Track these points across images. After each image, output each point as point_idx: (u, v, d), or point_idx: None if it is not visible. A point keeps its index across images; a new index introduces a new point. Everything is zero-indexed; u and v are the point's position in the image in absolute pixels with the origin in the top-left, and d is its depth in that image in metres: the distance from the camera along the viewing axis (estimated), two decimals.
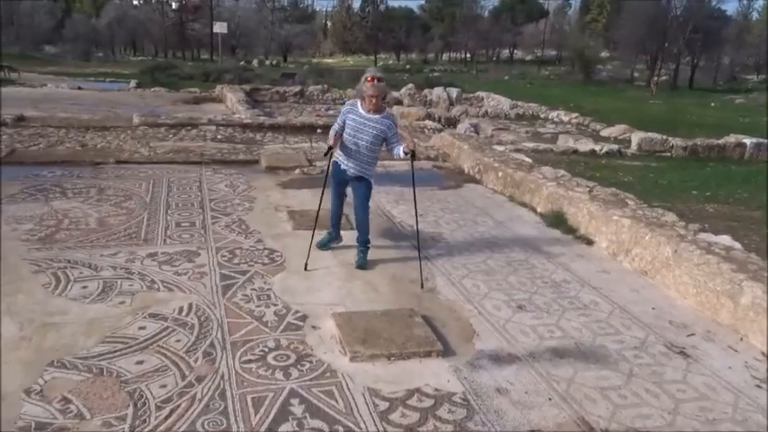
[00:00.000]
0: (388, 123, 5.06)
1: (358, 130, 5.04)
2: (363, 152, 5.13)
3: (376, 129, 5.03)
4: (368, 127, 5.03)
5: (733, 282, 4.53)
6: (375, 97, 4.94)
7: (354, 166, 5.19)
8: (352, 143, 5.10)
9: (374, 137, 5.05)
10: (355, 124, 5.05)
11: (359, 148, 5.11)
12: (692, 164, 11.30)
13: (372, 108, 5.00)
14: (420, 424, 3.25)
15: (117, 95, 18.52)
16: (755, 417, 3.49)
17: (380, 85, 4.95)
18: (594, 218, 6.22)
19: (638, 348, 4.19)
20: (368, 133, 5.04)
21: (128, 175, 8.01)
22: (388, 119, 5.09)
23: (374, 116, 5.03)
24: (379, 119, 5.03)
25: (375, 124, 5.03)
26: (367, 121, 5.02)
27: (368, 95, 4.95)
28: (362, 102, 5.05)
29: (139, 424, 3.11)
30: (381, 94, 4.99)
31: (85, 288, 4.60)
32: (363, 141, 5.06)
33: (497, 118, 18.03)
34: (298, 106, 18.74)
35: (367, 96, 4.96)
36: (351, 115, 5.08)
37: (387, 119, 5.07)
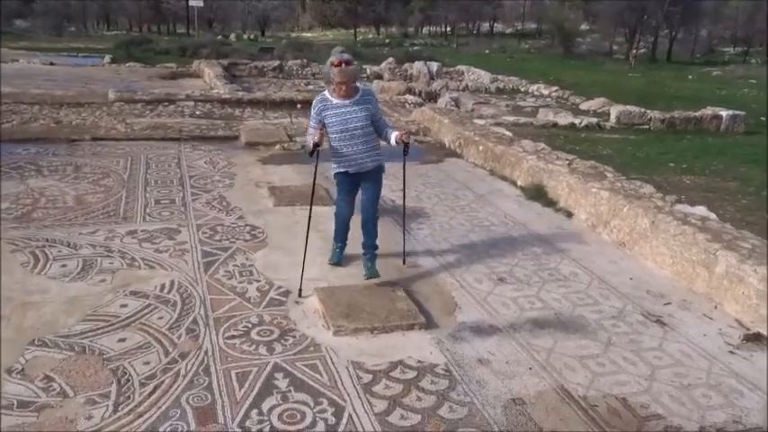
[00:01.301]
0: (369, 98, 4.45)
1: (345, 121, 4.33)
2: (363, 139, 4.43)
3: (363, 110, 4.37)
4: (354, 113, 4.35)
5: (708, 251, 4.62)
6: (344, 84, 4.24)
7: (362, 160, 4.47)
8: (347, 138, 4.38)
9: (364, 118, 4.39)
10: (340, 118, 4.33)
11: (355, 139, 4.39)
12: (670, 136, 11.41)
13: (345, 94, 4.31)
14: (403, 395, 3.30)
15: (91, 71, 18.15)
16: (728, 381, 3.59)
17: (349, 69, 4.21)
18: (574, 190, 6.28)
19: (616, 318, 4.27)
20: (358, 119, 4.36)
21: (104, 152, 7.90)
22: (368, 93, 4.48)
23: (353, 98, 4.37)
24: (360, 98, 4.39)
25: (359, 106, 4.37)
26: (350, 108, 4.35)
27: (336, 83, 4.24)
28: (332, 91, 4.34)
29: (123, 400, 3.12)
30: (351, 78, 4.26)
31: (65, 267, 4.56)
32: (357, 130, 4.37)
33: (478, 92, 18.01)
34: (277, 81, 18.54)
35: (336, 84, 4.24)
36: (328, 112, 4.35)
37: (366, 94, 4.45)
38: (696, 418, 3.25)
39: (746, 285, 4.27)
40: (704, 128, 12.28)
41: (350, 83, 4.26)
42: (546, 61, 31.24)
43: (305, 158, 8.11)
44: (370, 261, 4.62)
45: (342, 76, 4.20)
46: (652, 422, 3.20)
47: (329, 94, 4.37)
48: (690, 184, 7.64)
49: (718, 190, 7.40)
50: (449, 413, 3.17)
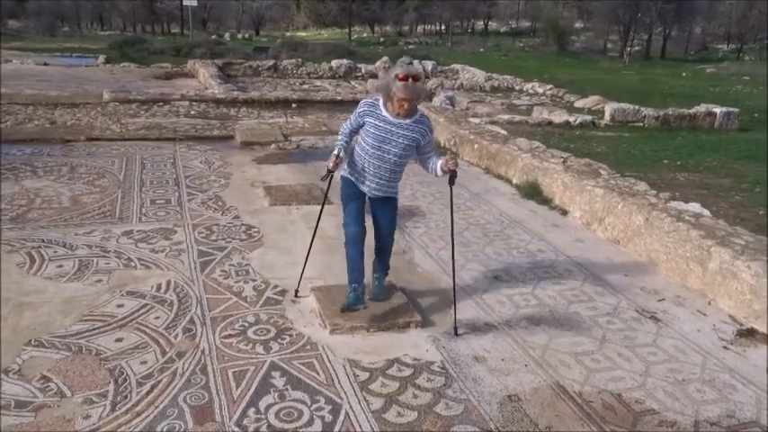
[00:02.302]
0: (422, 129, 3.82)
1: (384, 140, 3.77)
2: (390, 168, 3.86)
3: (408, 137, 3.78)
4: (397, 135, 3.76)
5: (702, 248, 4.65)
6: (408, 101, 3.66)
7: (376, 188, 3.94)
8: (376, 157, 3.81)
9: (405, 147, 3.80)
10: (379, 132, 3.77)
11: (384, 163, 3.83)
12: (664, 133, 11.45)
13: (403, 113, 3.74)
14: (400, 393, 3.31)
15: (85, 71, 18.11)
16: (722, 376, 3.62)
17: (417, 86, 3.65)
18: (568, 188, 6.31)
19: (611, 314, 4.30)
20: (397, 144, 3.77)
21: (100, 152, 7.89)
22: (423, 122, 3.84)
23: (405, 121, 3.76)
24: (412, 124, 3.77)
25: (407, 131, 3.77)
26: (396, 128, 3.75)
27: (398, 99, 3.65)
28: (389, 104, 3.75)
29: (121, 399, 3.13)
30: (416, 98, 3.70)
31: (61, 267, 4.57)
32: (391, 155, 3.80)
33: (473, 90, 18.03)
34: (272, 81, 18.52)
35: (397, 100, 3.66)
36: (371, 119, 3.79)
37: (421, 122, 3.82)
38: (690, 412, 3.27)
39: (740, 281, 4.30)
40: (698, 125, 12.32)
41: (413, 102, 3.71)
42: (540, 59, 31.28)
43: (300, 158, 8.15)
44: (378, 281, 4.23)
45: (406, 92, 3.62)
46: (647, 417, 3.22)
47: (382, 105, 3.80)
48: (684, 181, 7.67)
49: (712, 187, 7.44)
50: (445, 410, 3.19)
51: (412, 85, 3.61)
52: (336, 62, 20.76)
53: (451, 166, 3.79)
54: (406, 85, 3.60)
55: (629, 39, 34.51)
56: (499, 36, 53.00)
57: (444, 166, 3.80)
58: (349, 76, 19.97)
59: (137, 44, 27.49)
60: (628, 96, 14.94)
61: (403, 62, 4.35)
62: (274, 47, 27.52)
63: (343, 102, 13.33)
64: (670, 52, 36.72)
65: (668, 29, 36.86)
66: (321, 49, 27.01)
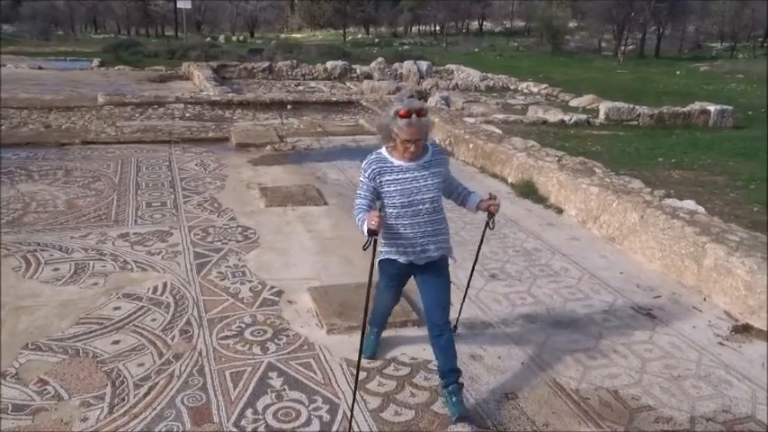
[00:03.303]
0: (441, 160, 3.22)
1: (412, 192, 3.09)
2: (430, 218, 3.16)
3: (434, 176, 3.14)
4: (423, 180, 3.11)
5: (696, 244, 4.67)
6: (412, 143, 3.01)
7: (430, 245, 3.19)
8: (411, 215, 3.11)
9: (436, 188, 3.15)
10: (402, 187, 3.08)
11: (420, 217, 3.13)
12: (659, 132, 11.48)
13: (413, 155, 3.08)
14: (397, 391, 3.32)
15: (79, 74, 18.07)
16: (718, 372, 3.63)
17: (422, 122, 3.00)
18: (564, 187, 6.32)
19: (607, 312, 4.31)
20: (427, 189, 3.11)
21: (95, 155, 7.88)
22: (436, 150, 3.24)
23: (423, 159, 3.13)
24: (430, 160, 3.15)
25: (429, 171, 3.13)
26: (417, 173, 3.10)
27: (402, 141, 3.00)
28: (393, 150, 3.11)
29: (118, 402, 3.13)
30: (422, 135, 3.04)
31: (57, 270, 4.56)
32: (426, 204, 3.12)
33: (468, 90, 18.05)
34: (267, 82, 18.52)
35: (401, 142, 3.02)
36: (386, 177, 3.09)
37: (436, 152, 3.22)
38: (686, 408, 3.29)
39: (735, 277, 4.32)
40: (693, 123, 12.35)
41: (420, 141, 3.05)
42: (535, 59, 31.33)
43: (295, 159, 8.15)
44: (454, 394, 3.15)
45: (411, 132, 2.97)
46: (643, 413, 3.24)
47: (387, 153, 3.12)
48: (679, 179, 7.70)
49: (707, 184, 7.47)
50: (442, 408, 3.20)
51: (417, 121, 2.97)
52: (331, 63, 20.77)
53: (493, 209, 3.33)
54: (409, 122, 2.95)
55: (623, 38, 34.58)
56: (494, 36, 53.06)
57: (485, 207, 3.33)
58: (344, 78, 19.98)
59: (131, 47, 27.45)
60: (622, 95, 14.98)
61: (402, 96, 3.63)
62: (269, 49, 27.52)
63: (338, 103, 13.34)
64: (664, 51, 36.80)
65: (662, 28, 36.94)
66: (316, 50, 27.03)
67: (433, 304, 3.27)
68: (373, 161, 3.13)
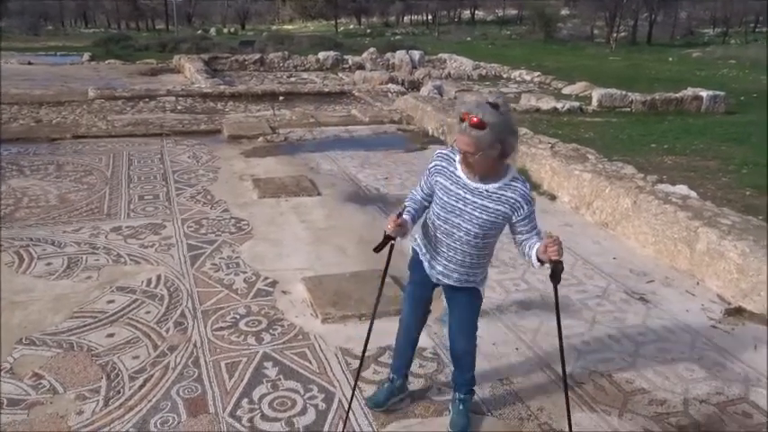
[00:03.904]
0: (513, 199, 2.60)
1: (452, 210, 2.65)
2: (462, 249, 2.71)
3: (488, 210, 2.60)
4: (472, 206, 2.61)
5: (689, 229, 4.68)
6: (470, 155, 2.49)
7: (442, 271, 2.82)
8: (443, 232, 2.72)
9: (484, 224, 2.62)
10: (448, 199, 2.66)
11: (453, 241, 2.71)
12: (651, 118, 11.50)
13: (474, 172, 2.58)
14: None
15: (70, 69, 17.94)
16: (711, 355, 3.66)
17: (481, 135, 2.41)
18: (557, 173, 6.33)
19: (601, 297, 4.33)
20: (471, 218, 2.61)
21: (86, 149, 7.84)
22: (516, 189, 2.61)
23: (487, 186, 2.59)
24: (496, 191, 2.59)
25: (487, 201, 2.59)
26: (471, 195, 2.61)
27: (459, 146, 2.53)
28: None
29: (114, 395, 3.13)
30: (482, 149, 2.45)
31: (50, 265, 4.55)
32: (462, 232, 2.66)
33: (460, 79, 18.02)
34: (258, 74, 18.44)
35: (460, 151, 2.56)
36: (441, 179, 2.69)
37: (512, 188, 2.61)
38: (680, 390, 3.31)
39: (727, 261, 4.34)
40: (685, 109, 12.38)
41: (483, 157, 2.48)
42: (527, 47, 31.28)
43: (288, 150, 8.13)
44: (463, 405, 3.00)
45: (461, 141, 2.48)
46: (637, 396, 3.26)
47: (459, 161, 2.65)
48: (671, 164, 7.72)
49: (699, 169, 7.49)
50: (437, 395, 3.22)
51: (472, 132, 2.41)
52: (323, 54, 20.70)
53: (552, 255, 2.51)
54: (464, 130, 2.43)
55: (615, 25, 34.56)
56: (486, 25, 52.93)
57: (542, 254, 2.56)
58: (336, 68, 19.91)
59: (121, 41, 27.28)
60: (615, 82, 14.98)
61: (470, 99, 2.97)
62: (260, 40, 27.38)
63: (330, 93, 13.30)
64: (656, 37, 36.79)
65: (654, 14, 36.91)
66: (307, 41, 26.91)
67: (454, 327, 3.02)
68: (442, 156, 2.73)
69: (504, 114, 2.44)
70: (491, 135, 2.41)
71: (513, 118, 2.50)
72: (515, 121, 2.53)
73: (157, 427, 2.90)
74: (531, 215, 2.65)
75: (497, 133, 2.42)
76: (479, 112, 2.40)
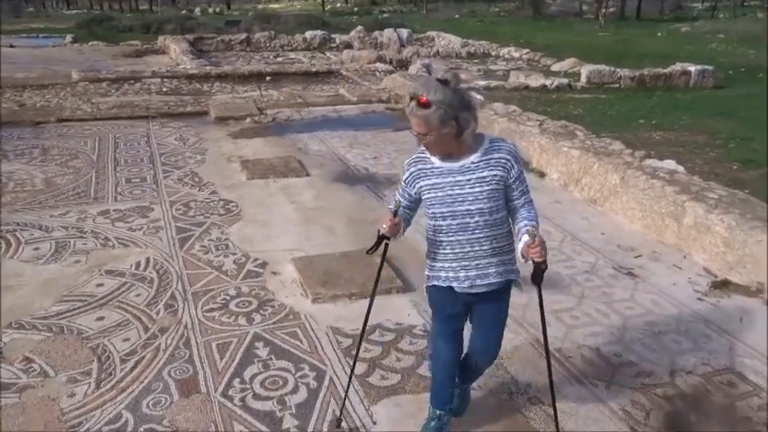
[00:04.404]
0: (502, 159, 2.39)
1: (453, 200, 2.40)
2: (486, 233, 2.45)
3: (485, 179, 2.37)
4: (469, 183, 2.38)
5: (676, 203, 4.71)
6: (423, 136, 2.30)
7: (478, 273, 2.51)
8: (456, 229, 2.44)
9: (490, 194, 2.38)
10: (445, 193, 2.41)
11: (473, 233, 2.44)
12: (640, 94, 11.50)
13: (440, 152, 2.39)
14: (383, 357, 3.36)
15: (53, 52, 17.67)
16: (697, 327, 3.70)
17: (429, 114, 2.22)
18: (545, 150, 6.34)
19: (589, 272, 4.36)
20: (475, 196, 2.38)
21: (71, 133, 7.76)
22: (501, 148, 2.41)
23: (469, 159, 2.38)
24: (481, 158, 2.38)
25: (479, 172, 2.38)
26: (461, 174, 2.38)
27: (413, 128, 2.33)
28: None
29: (105, 377, 3.13)
30: (433, 128, 2.25)
31: (38, 249, 4.52)
32: (475, 216, 2.40)
33: (449, 57, 17.91)
34: (245, 54, 18.24)
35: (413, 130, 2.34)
36: (426, 182, 2.44)
37: (497, 149, 2.41)
38: (666, 362, 3.36)
39: (714, 234, 4.38)
40: (674, 84, 12.38)
41: (437, 137, 2.28)
42: (516, 24, 31.08)
43: (276, 131, 8.08)
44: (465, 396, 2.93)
45: (416, 124, 2.29)
46: (625, 369, 3.30)
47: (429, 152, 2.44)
48: (659, 140, 7.74)
49: (687, 144, 7.51)
50: (428, 372, 3.24)
51: (418, 111, 2.24)
52: (310, 33, 20.48)
53: (535, 256, 2.36)
54: (411, 110, 2.27)
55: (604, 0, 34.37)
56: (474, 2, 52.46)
57: (525, 252, 2.39)
58: (323, 47, 19.73)
59: (104, 22, 26.86)
60: (604, 58, 14.92)
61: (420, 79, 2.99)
62: (246, 20, 27.04)
63: (318, 73, 13.20)
64: (645, 12, 36.65)
65: None
66: (294, 20, 26.61)
67: (480, 349, 2.74)
68: (412, 163, 2.49)
69: (455, 90, 2.25)
70: (440, 113, 2.21)
71: (465, 93, 2.31)
72: (469, 95, 2.34)
73: (150, 408, 2.92)
74: (521, 175, 2.44)
75: (447, 110, 2.22)
76: (425, 90, 2.22)
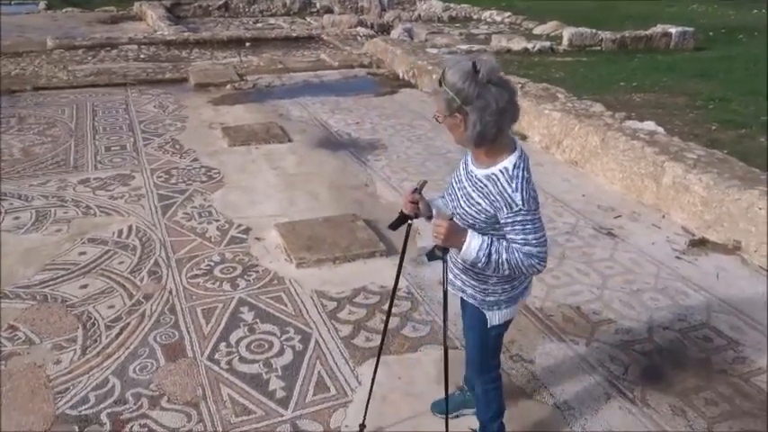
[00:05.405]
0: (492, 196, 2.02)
1: (458, 199, 2.16)
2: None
3: (471, 199, 2.09)
4: (461, 189, 2.16)
5: (656, 164, 4.76)
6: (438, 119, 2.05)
7: (458, 280, 2.35)
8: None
9: (465, 215, 2.11)
10: (453, 186, 2.23)
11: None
12: (621, 56, 11.47)
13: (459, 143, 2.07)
14: (367, 319, 3.40)
15: (25, 19, 17.19)
16: (675, 284, 3.79)
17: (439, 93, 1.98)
18: (527, 113, 6.34)
19: (570, 233, 4.42)
20: (464, 210, 2.11)
21: (48, 101, 7.61)
22: (497, 180, 2.01)
23: (479, 171, 2.09)
24: (482, 179, 2.06)
25: (471, 189, 2.11)
26: (466, 182, 2.14)
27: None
28: None
29: (91, 344, 3.15)
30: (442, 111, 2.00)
31: (18, 219, 4.48)
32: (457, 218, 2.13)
33: (431, 21, 17.70)
34: (223, 20, 17.88)
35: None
36: (455, 173, 2.25)
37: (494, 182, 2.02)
38: (645, 319, 3.44)
39: (692, 194, 4.44)
40: (654, 46, 12.36)
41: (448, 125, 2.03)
42: None
43: (257, 97, 8.00)
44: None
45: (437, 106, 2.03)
46: (604, 326, 3.37)
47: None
48: (640, 102, 7.76)
49: (667, 105, 7.55)
50: (412, 332, 3.29)
51: (433, 85, 2.04)
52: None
53: (433, 236, 2.04)
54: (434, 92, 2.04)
55: None
56: None
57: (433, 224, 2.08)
58: (304, 12, 19.38)
59: None
60: (585, 21, 14.82)
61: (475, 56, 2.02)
62: None
63: (298, 38, 12.99)
64: None
65: None
66: None
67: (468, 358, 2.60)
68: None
69: (481, 83, 1.90)
70: (446, 97, 1.93)
71: (493, 93, 1.91)
72: (499, 97, 1.92)
73: (137, 373, 2.94)
74: (515, 225, 1.98)
75: (455, 98, 1.92)
76: (448, 68, 1.96)
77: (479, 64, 1.93)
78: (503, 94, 1.94)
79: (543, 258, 2.02)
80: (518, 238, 2.00)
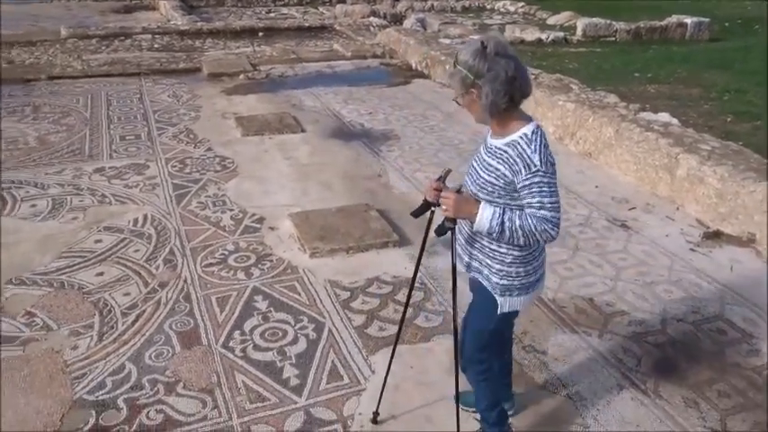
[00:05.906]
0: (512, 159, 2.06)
1: (470, 174, 2.26)
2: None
3: (490, 166, 2.14)
4: (480, 161, 2.21)
5: (670, 155, 4.74)
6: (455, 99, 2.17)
7: (467, 255, 2.37)
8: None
9: (484, 184, 2.15)
10: (470, 164, 2.29)
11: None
12: (636, 47, 11.38)
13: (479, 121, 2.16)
14: (380, 309, 3.42)
15: (38, 8, 17.28)
16: (688, 276, 3.77)
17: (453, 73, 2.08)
18: (540, 104, 6.31)
19: (583, 225, 4.41)
20: (475, 174, 2.21)
21: (62, 90, 7.66)
22: (516, 145, 2.06)
23: (495, 142, 2.15)
24: (501, 147, 2.11)
25: (489, 158, 2.16)
26: (484, 151, 2.21)
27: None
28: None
29: (107, 330, 3.19)
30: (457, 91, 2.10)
31: (35, 206, 4.53)
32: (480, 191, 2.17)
33: (443, 12, 17.62)
34: (236, 10, 17.89)
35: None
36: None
37: (513, 146, 2.07)
38: (658, 311, 3.43)
39: (706, 186, 4.42)
40: (669, 37, 12.25)
41: (465, 103, 2.13)
42: None
43: (270, 87, 8.01)
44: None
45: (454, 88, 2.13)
46: (617, 318, 3.37)
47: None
48: (654, 93, 7.71)
49: (682, 97, 7.49)
50: (425, 322, 3.31)
51: (449, 69, 2.20)
52: None
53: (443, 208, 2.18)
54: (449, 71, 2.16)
55: None
56: None
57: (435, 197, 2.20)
58: (316, 2, 19.34)
59: None
60: (599, 11, 14.69)
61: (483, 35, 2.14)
62: None
63: (311, 28, 12.98)
64: None
65: None
66: None
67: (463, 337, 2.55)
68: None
69: (488, 56, 1.99)
70: (461, 75, 2.04)
71: (501, 62, 1.99)
72: (509, 67, 1.99)
73: (153, 360, 2.98)
74: (532, 186, 2.02)
75: (468, 75, 2.02)
76: (461, 50, 2.07)
77: (486, 41, 2.04)
78: (509, 64, 2.02)
79: (557, 224, 2.06)
80: (534, 201, 2.04)
